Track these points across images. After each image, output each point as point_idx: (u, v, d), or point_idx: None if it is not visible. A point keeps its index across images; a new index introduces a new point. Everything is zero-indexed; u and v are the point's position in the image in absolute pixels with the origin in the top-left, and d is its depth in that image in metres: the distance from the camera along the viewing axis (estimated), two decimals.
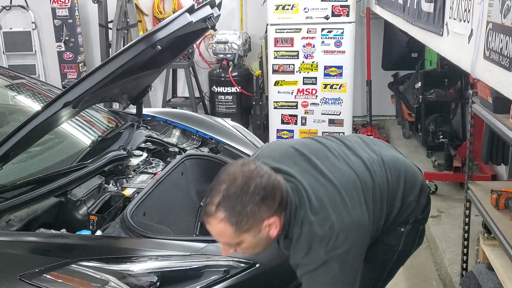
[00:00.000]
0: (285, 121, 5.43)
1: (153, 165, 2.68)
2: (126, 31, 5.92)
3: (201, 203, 2.63)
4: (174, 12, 5.89)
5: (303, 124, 5.41)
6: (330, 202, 1.60)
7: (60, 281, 1.75)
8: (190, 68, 6.01)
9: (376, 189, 1.73)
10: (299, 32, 5.22)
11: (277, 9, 5.18)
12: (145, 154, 2.73)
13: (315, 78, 5.27)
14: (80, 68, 6.41)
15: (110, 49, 5.93)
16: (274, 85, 5.35)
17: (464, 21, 2.17)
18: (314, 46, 5.22)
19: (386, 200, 1.76)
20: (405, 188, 1.82)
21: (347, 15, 5.13)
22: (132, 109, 3.12)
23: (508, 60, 1.67)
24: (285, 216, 1.57)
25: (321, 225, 1.56)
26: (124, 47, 2.02)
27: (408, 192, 1.83)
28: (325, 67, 5.26)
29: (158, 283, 1.82)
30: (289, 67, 5.30)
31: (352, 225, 1.59)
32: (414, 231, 1.89)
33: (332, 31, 5.18)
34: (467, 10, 2.13)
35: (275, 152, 1.78)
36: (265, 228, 1.53)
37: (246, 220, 1.48)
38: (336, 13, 5.13)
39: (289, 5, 5.15)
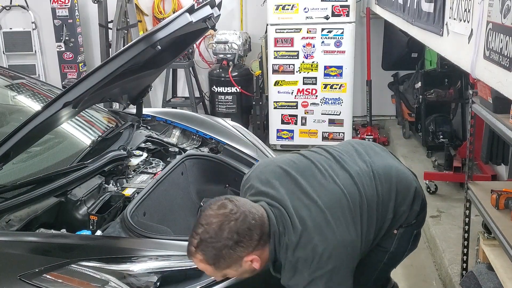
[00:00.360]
0: (285, 121, 5.44)
1: (153, 165, 2.68)
2: (126, 31, 5.92)
3: (201, 203, 2.63)
4: (174, 12, 5.90)
5: (303, 124, 5.41)
6: (313, 223, 1.62)
7: (60, 281, 1.75)
8: (190, 68, 6.01)
9: (363, 204, 1.73)
10: (299, 32, 5.22)
11: (277, 9, 5.18)
12: (145, 154, 2.73)
13: (315, 78, 5.28)
14: (80, 68, 6.41)
15: (110, 49, 5.93)
16: (274, 85, 5.35)
17: (464, 21, 2.17)
18: (314, 46, 5.23)
19: (376, 212, 1.76)
20: (396, 199, 1.82)
21: (347, 15, 5.13)
22: (132, 109, 3.12)
23: (508, 60, 1.67)
24: (270, 245, 1.61)
25: (304, 248, 1.59)
26: (124, 47, 2.02)
27: (400, 203, 1.83)
28: (325, 67, 5.27)
29: (158, 283, 1.82)
30: (289, 67, 5.30)
31: (337, 244, 1.61)
32: (408, 234, 1.89)
33: (332, 31, 5.19)
34: (467, 10, 2.13)
35: (263, 174, 1.81)
36: (246, 263, 1.59)
37: (223, 261, 1.56)
38: (336, 13, 5.13)
39: (289, 5, 5.16)
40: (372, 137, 5.46)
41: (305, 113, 5.38)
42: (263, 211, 1.63)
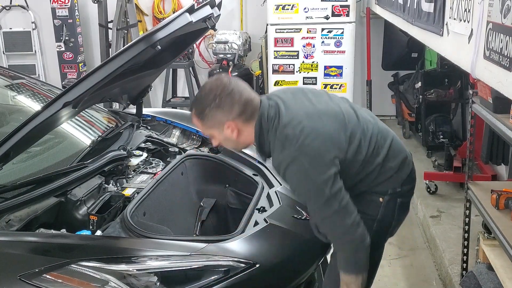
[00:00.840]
0: None
1: (153, 165, 2.68)
2: (126, 31, 5.93)
3: (201, 203, 2.63)
4: (174, 12, 5.90)
5: None
6: (306, 114, 1.83)
7: (60, 281, 1.75)
8: (190, 68, 6.01)
9: (358, 128, 1.89)
10: (299, 32, 5.22)
11: (277, 9, 5.18)
12: (145, 154, 2.73)
13: (315, 78, 5.28)
14: (80, 68, 6.42)
15: (110, 49, 5.93)
16: (274, 85, 5.35)
17: (464, 21, 2.17)
18: (314, 46, 5.23)
19: (368, 145, 1.89)
20: (389, 152, 1.94)
21: (347, 15, 5.14)
22: (132, 109, 3.12)
23: (508, 60, 1.67)
24: (256, 125, 1.84)
25: (294, 127, 1.78)
26: (124, 47, 2.02)
27: (391, 156, 1.94)
28: (325, 67, 5.27)
29: (158, 283, 1.82)
30: (289, 67, 5.30)
31: (324, 133, 1.79)
32: (392, 202, 1.97)
33: (332, 31, 5.19)
34: (467, 10, 2.13)
35: (281, 89, 2.04)
36: (227, 129, 1.85)
37: (206, 120, 1.85)
38: (336, 13, 5.14)
39: (289, 5, 5.16)
40: None
41: None
42: (258, 99, 1.87)
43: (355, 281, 1.86)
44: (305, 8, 5.16)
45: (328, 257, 2.63)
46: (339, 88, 5.27)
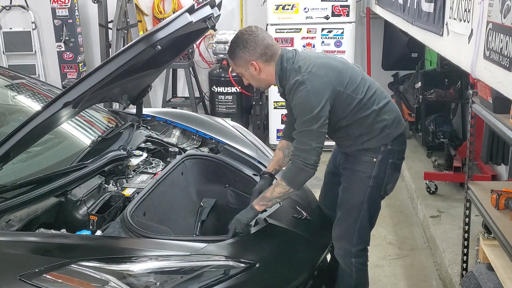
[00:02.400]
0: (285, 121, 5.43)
1: (153, 165, 2.68)
2: (126, 31, 5.92)
3: (201, 203, 2.63)
4: (174, 12, 5.90)
5: None
6: (317, 56, 2.29)
7: (60, 281, 1.75)
8: (190, 68, 6.01)
9: (359, 75, 2.29)
10: (299, 32, 5.22)
11: (277, 9, 5.18)
12: (145, 154, 2.73)
13: None
14: (80, 68, 6.42)
15: (110, 49, 5.93)
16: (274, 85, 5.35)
17: (464, 21, 2.17)
18: (314, 46, 5.23)
19: (367, 91, 2.26)
20: (386, 105, 2.30)
21: (347, 15, 5.13)
22: (132, 109, 3.12)
23: (508, 60, 1.67)
24: (277, 64, 2.26)
25: (305, 62, 2.22)
26: (124, 47, 2.01)
27: (387, 110, 2.30)
28: None
29: (158, 283, 1.82)
30: None
31: (329, 66, 2.22)
32: (384, 162, 2.31)
33: (332, 31, 5.19)
34: (467, 10, 2.13)
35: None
36: (251, 67, 2.26)
37: (236, 59, 2.28)
38: (336, 13, 5.13)
39: (289, 5, 5.16)
40: None
41: None
42: (278, 45, 2.30)
43: (283, 188, 2.20)
44: (305, 8, 5.16)
45: (328, 257, 2.64)
46: None
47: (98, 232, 2.07)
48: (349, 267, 2.39)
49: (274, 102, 5.41)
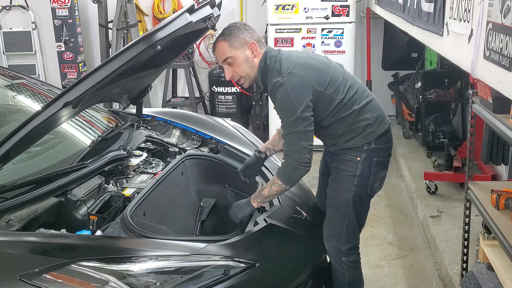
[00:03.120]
0: None
1: (153, 165, 2.68)
2: (126, 31, 5.93)
3: (201, 203, 2.63)
4: (174, 12, 5.90)
5: None
6: (299, 56, 2.30)
7: (60, 281, 1.75)
8: (190, 68, 6.01)
9: (341, 75, 2.29)
10: (299, 32, 5.22)
11: (277, 9, 5.18)
12: (145, 154, 2.73)
13: None
14: (80, 68, 6.42)
15: (110, 49, 5.93)
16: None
17: (464, 21, 2.17)
18: (314, 46, 5.23)
19: (348, 90, 2.27)
20: (367, 104, 2.31)
21: (347, 15, 5.13)
22: (132, 109, 3.12)
23: (508, 60, 1.67)
24: (261, 61, 2.26)
25: (286, 61, 2.23)
26: (124, 47, 2.01)
27: (368, 109, 2.30)
28: None
29: (158, 283, 1.82)
30: None
31: (309, 66, 2.23)
32: (369, 160, 2.31)
33: (332, 31, 5.19)
34: (467, 10, 2.13)
35: None
36: (248, 49, 2.25)
37: (235, 39, 2.23)
38: (336, 13, 5.13)
39: (289, 5, 5.16)
40: None
41: None
42: (266, 45, 2.33)
43: (279, 186, 2.25)
44: (305, 8, 5.16)
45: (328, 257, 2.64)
46: None
47: (98, 232, 2.07)
48: (341, 265, 2.41)
49: None
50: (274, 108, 2.25)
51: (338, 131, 2.30)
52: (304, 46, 5.22)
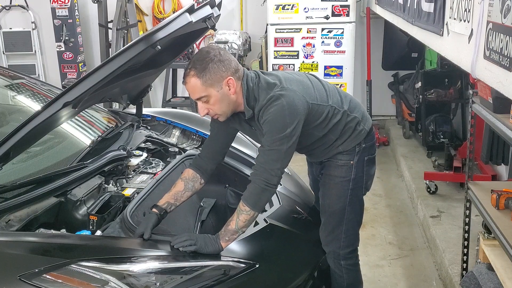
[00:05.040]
0: None
1: (153, 165, 2.68)
2: (126, 31, 5.92)
3: (201, 203, 2.63)
4: (174, 12, 5.89)
5: None
6: (281, 73, 2.16)
7: (60, 281, 1.74)
8: None
9: (320, 84, 2.23)
10: (299, 32, 5.22)
11: (277, 9, 5.18)
12: (145, 154, 2.73)
13: None
14: (80, 68, 6.42)
15: (110, 49, 5.93)
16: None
17: (464, 21, 2.17)
18: (314, 46, 5.23)
19: (333, 95, 2.21)
20: (350, 103, 2.26)
21: (347, 15, 5.14)
22: (132, 109, 3.12)
23: (508, 60, 1.67)
24: (243, 85, 2.06)
25: (273, 79, 2.10)
26: (124, 47, 2.01)
27: (353, 108, 2.25)
28: (325, 67, 5.27)
29: (158, 283, 1.82)
30: (289, 67, 5.30)
31: (296, 81, 2.12)
32: (361, 161, 2.27)
33: (332, 31, 5.19)
34: (467, 10, 2.13)
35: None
36: (226, 85, 2.01)
37: (208, 75, 1.97)
38: (336, 13, 5.14)
39: (289, 5, 5.16)
40: None
41: None
42: (242, 68, 2.10)
43: (247, 214, 2.03)
44: (305, 8, 5.16)
45: None
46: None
47: (98, 232, 2.07)
48: (340, 269, 2.37)
49: None
50: (263, 122, 2.04)
51: (332, 138, 2.22)
52: (304, 46, 5.22)
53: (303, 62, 5.26)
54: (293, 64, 5.28)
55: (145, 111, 3.17)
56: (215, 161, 2.33)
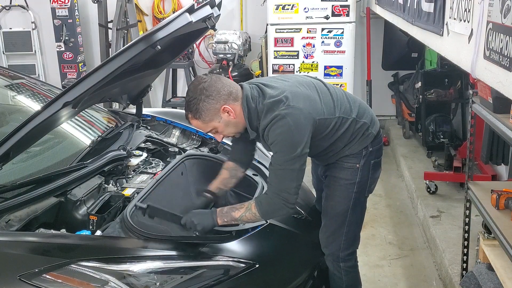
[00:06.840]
0: None
1: (153, 165, 2.68)
2: (126, 31, 5.92)
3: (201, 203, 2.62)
4: (174, 12, 5.89)
5: None
6: (285, 85, 2.12)
7: (60, 281, 1.75)
8: (190, 68, 6.01)
9: (327, 91, 2.20)
10: (299, 32, 5.22)
11: (277, 9, 5.18)
12: (145, 154, 2.73)
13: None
14: (80, 68, 6.41)
15: (110, 49, 5.93)
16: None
17: (464, 21, 2.17)
18: (314, 46, 5.23)
19: (341, 105, 2.18)
20: (359, 109, 2.24)
21: (347, 15, 5.13)
22: (132, 109, 3.12)
23: (508, 60, 1.67)
24: (243, 103, 2.05)
25: (278, 95, 2.05)
26: (124, 47, 2.01)
27: (361, 114, 2.23)
28: (325, 67, 5.26)
29: (158, 283, 1.82)
30: (289, 67, 5.30)
31: (302, 96, 2.07)
32: (367, 165, 2.26)
33: (332, 31, 5.19)
34: (467, 10, 2.13)
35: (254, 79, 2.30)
36: (224, 113, 2.04)
37: (204, 114, 2.02)
38: (336, 13, 5.13)
39: (289, 5, 5.16)
40: None
41: None
42: (237, 85, 2.10)
43: (254, 216, 2.08)
44: (305, 8, 5.16)
45: None
46: None
47: (98, 232, 2.07)
48: (339, 271, 2.37)
49: None
50: (270, 144, 2.03)
51: (340, 145, 2.22)
52: (304, 46, 5.22)
53: (303, 62, 5.26)
54: (293, 64, 5.28)
55: (145, 111, 3.17)
56: (247, 152, 2.41)
